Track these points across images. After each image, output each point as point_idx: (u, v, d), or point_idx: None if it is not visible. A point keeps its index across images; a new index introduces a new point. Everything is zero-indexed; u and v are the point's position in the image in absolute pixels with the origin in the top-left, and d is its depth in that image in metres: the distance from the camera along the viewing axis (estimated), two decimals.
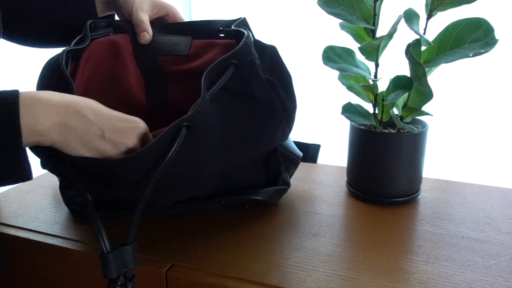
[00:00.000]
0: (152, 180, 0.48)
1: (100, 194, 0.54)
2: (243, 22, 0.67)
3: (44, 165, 0.74)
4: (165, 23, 0.71)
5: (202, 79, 0.53)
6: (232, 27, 0.66)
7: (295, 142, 0.74)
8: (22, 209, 0.70)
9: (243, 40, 0.58)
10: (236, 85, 0.57)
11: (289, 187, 0.70)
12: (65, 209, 0.70)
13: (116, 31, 0.68)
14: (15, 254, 0.64)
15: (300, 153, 0.73)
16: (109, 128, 0.49)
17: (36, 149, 0.52)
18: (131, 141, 0.50)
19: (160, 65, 0.67)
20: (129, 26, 0.68)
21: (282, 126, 0.64)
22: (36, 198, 0.74)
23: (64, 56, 0.58)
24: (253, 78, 0.58)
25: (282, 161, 0.69)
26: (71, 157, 0.49)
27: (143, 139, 0.52)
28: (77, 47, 0.61)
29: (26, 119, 0.44)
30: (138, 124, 0.52)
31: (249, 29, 0.67)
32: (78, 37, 0.63)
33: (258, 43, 0.63)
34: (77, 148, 0.48)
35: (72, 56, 0.61)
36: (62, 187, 0.68)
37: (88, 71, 0.63)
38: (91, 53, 0.64)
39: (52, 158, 0.52)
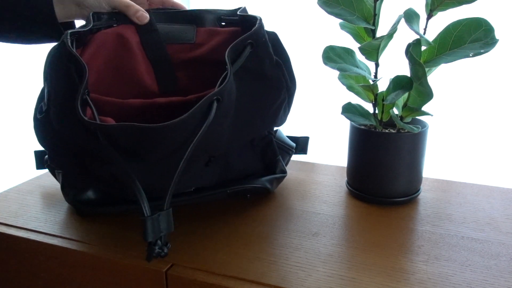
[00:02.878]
0: (189, 148, 0.51)
1: (129, 170, 0.52)
2: (244, 11, 0.69)
3: (40, 165, 0.75)
4: (167, 12, 0.71)
5: (226, 56, 0.56)
6: (238, 13, 0.68)
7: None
8: (22, 209, 0.70)
9: (258, 22, 0.61)
10: (252, 63, 0.60)
11: (286, 175, 0.74)
12: (65, 209, 0.70)
13: (118, 23, 0.67)
14: (15, 254, 0.64)
15: (293, 144, 0.78)
16: None
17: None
18: None
19: (168, 53, 0.68)
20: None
21: (284, 105, 0.68)
22: (36, 198, 0.74)
23: (69, 37, 0.57)
24: (266, 58, 0.62)
25: (278, 151, 0.74)
26: (110, 127, 0.49)
27: None
28: (81, 30, 0.61)
29: None
30: None
31: None
32: (81, 25, 0.63)
33: None
34: None
35: (77, 40, 0.61)
36: (65, 187, 0.68)
37: (97, 63, 0.63)
38: (99, 46, 0.64)
39: (83, 135, 0.53)
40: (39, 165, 0.75)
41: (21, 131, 1.11)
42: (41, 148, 0.74)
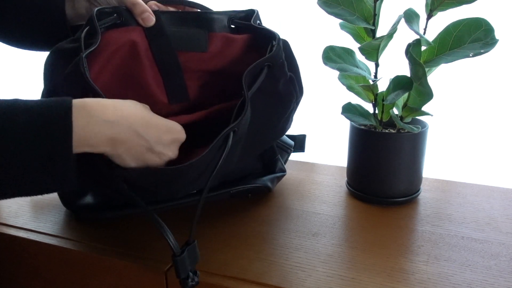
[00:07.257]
0: (207, 183, 0.53)
1: (152, 211, 0.54)
2: (257, 17, 0.67)
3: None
4: (176, 12, 0.66)
5: (243, 83, 0.55)
6: (251, 22, 0.65)
7: None
8: (22, 209, 0.70)
9: (276, 43, 0.60)
10: (267, 84, 0.59)
11: (285, 174, 0.76)
12: (64, 209, 0.70)
13: (120, 18, 0.61)
14: (15, 254, 0.64)
15: (291, 142, 0.79)
16: (157, 141, 0.51)
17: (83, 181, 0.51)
18: (173, 152, 0.54)
19: (180, 63, 0.64)
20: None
21: (292, 114, 0.68)
22: (36, 198, 0.74)
23: (85, 64, 0.53)
24: (281, 77, 0.61)
25: (277, 150, 0.74)
26: (126, 173, 0.50)
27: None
28: (91, 49, 0.56)
29: (79, 134, 0.45)
30: (180, 135, 0.54)
31: (261, 23, 0.67)
32: (85, 29, 0.57)
33: None
34: (126, 160, 0.50)
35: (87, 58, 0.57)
36: (63, 193, 0.67)
37: (106, 75, 0.59)
38: (109, 57, 0.59)
39: (101, 180, 0.54)
40: None
41: None
42: None
